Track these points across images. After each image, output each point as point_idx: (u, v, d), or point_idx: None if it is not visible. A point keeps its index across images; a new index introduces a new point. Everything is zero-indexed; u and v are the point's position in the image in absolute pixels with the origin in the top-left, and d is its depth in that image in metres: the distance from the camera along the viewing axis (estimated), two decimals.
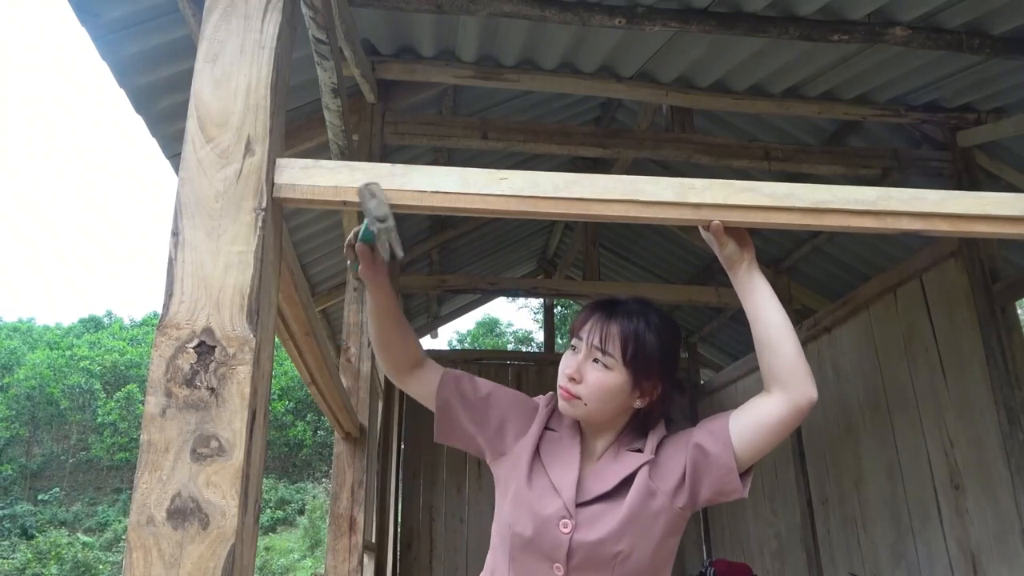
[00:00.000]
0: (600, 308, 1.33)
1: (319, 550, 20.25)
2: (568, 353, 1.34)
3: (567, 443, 1.35)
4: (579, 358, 1.31)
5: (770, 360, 1.28)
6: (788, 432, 1.32)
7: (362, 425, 3.05)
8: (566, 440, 1.35)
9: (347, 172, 1.15)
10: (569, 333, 1.38)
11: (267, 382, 1.11)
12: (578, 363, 1.30)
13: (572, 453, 1.33)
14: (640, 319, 1.30)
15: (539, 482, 1.30)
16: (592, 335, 1.30)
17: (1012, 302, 3.41)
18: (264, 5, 1.20)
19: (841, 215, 1.22)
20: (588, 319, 1.32)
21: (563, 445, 1.35)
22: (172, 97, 2.90)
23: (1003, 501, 3.29)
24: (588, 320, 1.32)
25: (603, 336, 1.29)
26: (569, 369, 1.31)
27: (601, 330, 1.30)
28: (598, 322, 1.31)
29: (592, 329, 1.31)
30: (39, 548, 19.35)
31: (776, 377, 1.28)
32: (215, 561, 0.93)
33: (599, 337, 1.29)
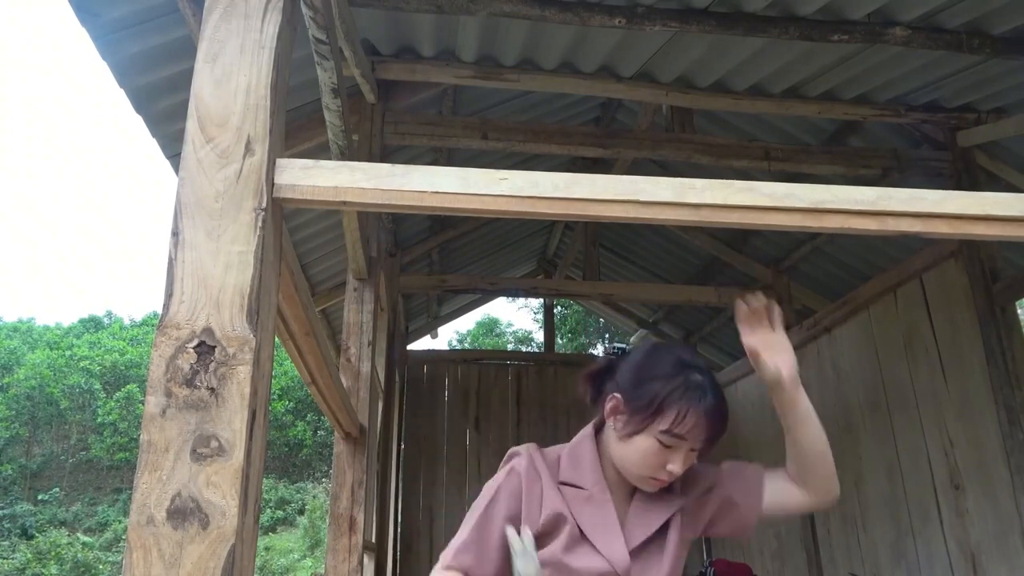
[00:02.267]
0: (707, 407, 1.24)
1: (319, 550, 20.25)
2: (661, 447, 1.23)
3: (599, 501, 1.29)
4: (682, 457, 1.24)
5: (808, 470, 1.33)
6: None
7: (362, 425, 3.05)
8: (597, 497, 1.29)
9: (347, 172, 1.15)
10: (669, 434, 1.23)
11: (267, 382, 1.11)
12: (682, 461, 1.25)
13: (609, 513, 1.28)
14: (725, 404, 1.27)
15: (583, 554, 1.25)
16: (702, 438, 1.25)
17: (1012, 302, 3.41)
18: (264, 5, 1.20)
19: (841, 215, 1.22)
20: (700, 423, 1.23)
21: (596, 504, 1.28)
22: (172, 97, 2.90)
23: (1003, 501, 3.29)
24: (699, 424, 1.23)
25: (710, 441, 1.26)
26: (677, 471, 1.24)
27: (712, 436, 1.25)
28: (707, 426, 1.24)
29: (704, 435, 1.25)
30: (39, 548, 19.35)
31: (811, 483, 1.33)
32: (215, 561, 0.93)
33: (708, 442, 1.26)
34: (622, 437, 1.27)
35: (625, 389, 1.29)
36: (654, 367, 1.28)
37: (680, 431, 1.22)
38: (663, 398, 1.23)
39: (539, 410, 6.74)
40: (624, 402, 1.28)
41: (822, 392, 4.86)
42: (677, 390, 1.23)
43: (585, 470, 1.31)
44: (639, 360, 1.32)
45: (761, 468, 1.37)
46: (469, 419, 6.68)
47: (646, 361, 1.31)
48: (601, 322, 19.75)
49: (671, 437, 1.22)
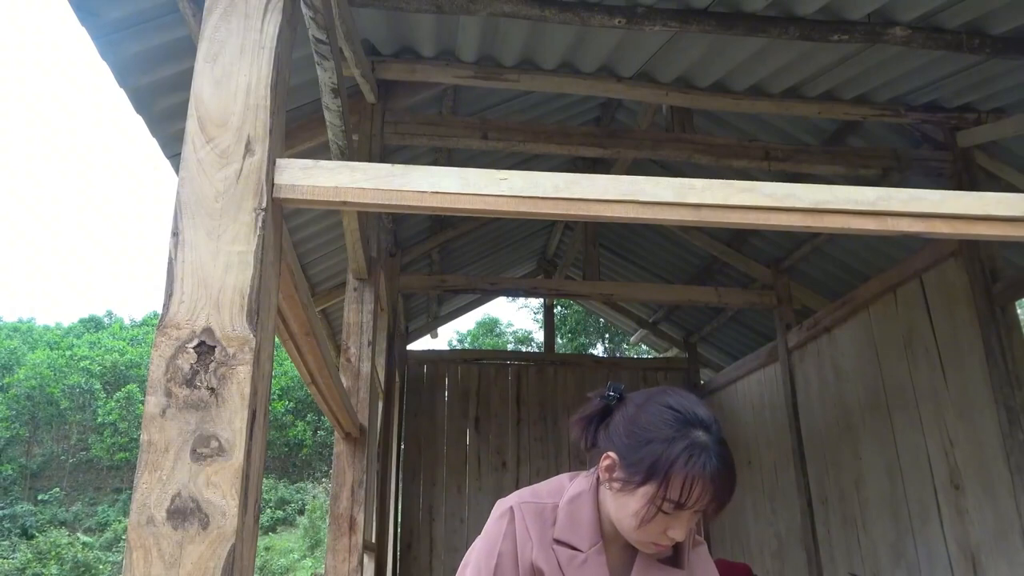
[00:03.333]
0: (711, 479, 1.13)
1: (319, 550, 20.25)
2: (664, 514, 1.14)
3: (594, 565, 1.21)
4: (684, 521, 1.15)
5: None
6: None
7: (362, 425, 3.04)
8: (592, 561, 1.21)
9: (347, 172, 1.15)
10: (674, 504, 1.13)
11: (267, 382, 1.11)
12: (681, 528, 1.16)
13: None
14: (732, 467, 1.16)
15: None
16: (701, 502, 1.14)
17: (1012, 302, 3.41)
18: (264, 5, 1.20)
19: (841, 216, 1.22)
20: (705, 494, 1.13)
21: (590, 568, 1.21)
22: (172, 97, 2.90)
23: (1003, 501, 3.29)
24: (705, 494, 1.13)
25: (705, 510, 1.16)
26: (680, 538, 1.17)
27: (717, 505, 1.15)
28: (712, 497, 1.14)
29: (708, 504, 1.14)
30: (39, 548, 19.35)
31: None
32: (215, 561, 0.93)
33: (706, 509, 1.16)
34: (621, 501, 1.18)
35: (620, 448, 1.18)
36: (653, 426, 1.16)
37: (683, 500, 1.12)
38: (663, 466, 1.11)
39: (539, 410, 6.75)
40: (620, 464, 1.18)
41: (822, 392, 4.86)
42: (680, 457, 1.11)
43: (582, 530, 1.22)
44: (635, 415, 1.20)
45: None
46: (469, 419, 6.68)
47: (643, 417, 1.18)
48: (601, 322, 19.75)
49: (673, 506, 1.12)
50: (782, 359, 5.29)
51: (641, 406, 1.21)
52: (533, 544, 1.21)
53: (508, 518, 1.25)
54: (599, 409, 1.26)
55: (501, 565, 1.22)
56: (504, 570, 1.21)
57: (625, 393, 1.27)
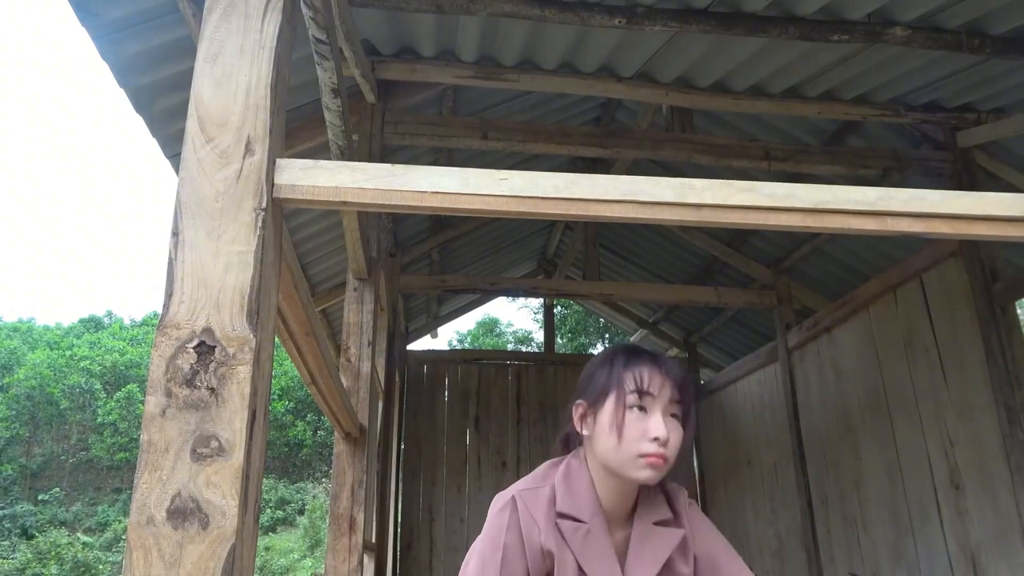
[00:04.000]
0: (650, 359, 1.26)
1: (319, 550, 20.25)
2: (635, 414, 1.22)
3: (597, 534, 1.24)
4: (659, 418, 1.22)
5: None
6: None
7: (362, 425, 3.04)
8: (595, 530, 1.24)
9: (347, 172, 1.15)
10: (633, 391, 1.23)
11: (267, 382, 1.11)
12: (661, 421, 1.21)
13: (607, 547, 1.23)
14: (675, 361, 1.32)
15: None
16: (665, 390, 1.23)
17: (1012, 302, 3.41)
18: (264, 5, 1.20)
19: (841, 216, 1.22)
20: (654, 373, 1.24)
21: (594, 538, 1.23)
22: (172, 97, 2.90)
23: (1003, 501, 3.29)
24: (653, 374, 1.23)
25: (671, 393, 1.24)
26: (660, 432, 1.20)
27: (670, 387, 1.24)
28: (661, 374, 1.24)
29: (664, 384, 1.23)
30: (39, 548, 19.35)
31: None
32: (215, 561, 0.93)
33: (671, 392, 1.24)
34: (599, 430, 1.25)
35: (582, 395, 1.32)
36: (595, 364, 1.34)
37: (643, 386, 1.23)
38: (612, 374, 1.27)
39: (539, 410, 6.75)
40: (587, 403, 1.30)
41: (822, 392, 4.86)
42: (619, 361, 1.28)
43: (582, 500, 1.25)
44: (583, 373, 1.37)
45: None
46: (469, 419, 6.68)
47: (588, 368, 1.36)
48: (601, 322, 19.75)
49: (638, 396, 1.23)
50: (782, 359, 5.29)
51: (587, 366, 1.38)
52: (540, 528, 1.23)
53: (510, 508, 1.26)
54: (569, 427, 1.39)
55: (507, 557, 1.22)
56: (511, 562, 1.21)
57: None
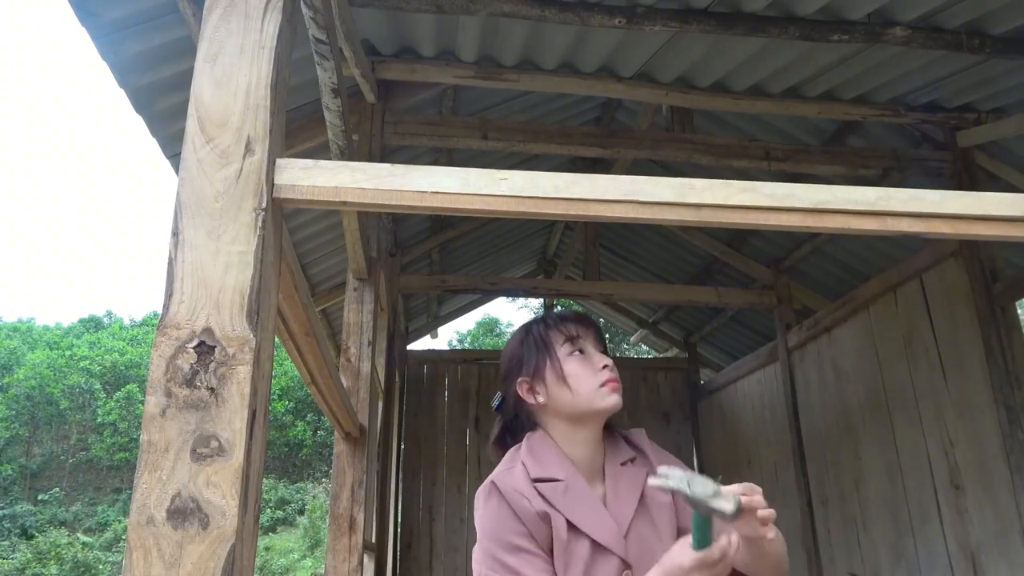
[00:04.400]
0: (563, 314, 1.45)
1: (319, 550, 20.25)
2: (577, 358, 1.38)
3: (576, 488, 1.30)
4: (596, 353, 1.39)
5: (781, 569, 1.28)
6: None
7: (362, 425, 3.04)
8: (574, 485, 1.30)
9: (347, 172, 1.15)
10: (566, 341, 1.39)
11: (267, 382, 1.11)
12: (601, 356, 1.38)
13: (590, 496, 1.30)
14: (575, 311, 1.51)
15: (581, 544, 1.25)
16: (589, 332, 1.41)
17: (1012, 302, 3.41)
18: (264, 5, 1.20)
19: (841, 216, 1.22)
20: (574, 321, 1.42)
21: (575, 492, 1.29)
22: (172, 97, 2.90)
23: (1003, 501, 3.29)
24: (572, 324, 1.41)
25: (594, 334, 1.42)
26: (606, 360, 1.37)
27: (590, 330, 1.42)
28: (578, 321, 1.42)
29: (586, 327, 1.42)
30: (39, 548, 19.36)
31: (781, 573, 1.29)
32: (215, 561, 0.93)
33: (594, 334, 1.42)
34: (552, 390, 1.36)
35: (516, 371, 1.41)
36: (515, 343, 1.45)
37: (572, 333, 1.39)
38: (540, 336, 1.40)
39: None
40: (529, 375, 1.39)
41: (822, 392, 4.86)
42: (538, 327, 1.43)
43: (552, 462, 1.32)
44: (504, 357, 1.46)
45: None
46: (469, 419, 6.68)
47: (508, 351, 1.46)
48: (601, 322, 19.75)
49: (572, 343, 1.38)
50: (782, 359, 5.29)
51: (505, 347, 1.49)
52: (527, 497, 1.27)
53: (495, 493, 1.28)
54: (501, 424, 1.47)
55: (512, 535, 1.24)
56: (519, 538, 1.24)
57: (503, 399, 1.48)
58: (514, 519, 1.25)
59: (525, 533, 1.24)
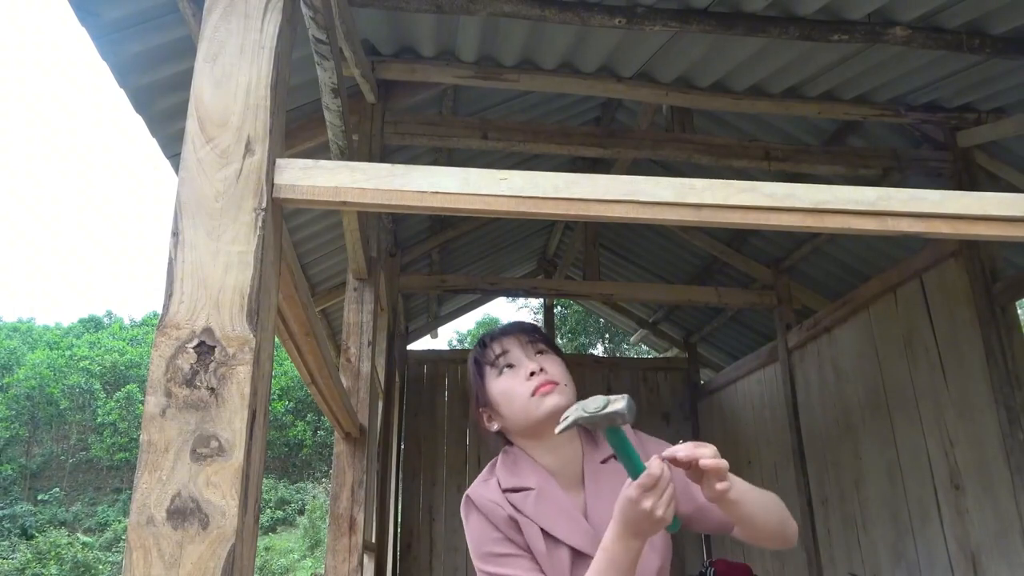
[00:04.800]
0: (491, 334, 1.43)
1: (319, 550, 20.26)
2: (507, 374, 1.35)
3: (548, 492, 1.29)
4: (524, 360, 1.35)
5: (767, 539, 1.29)
6: None
7: (362, 425, 3.04)
8: (545, 490, 1.29)
9: (347, 172, 1.15)
10: (489, 366, 1.39)
11: (267, 382, 1.11)
12: (529, 361, 1.34)
13: (560, 499, 1.29)
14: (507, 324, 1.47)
15: (555, 550, 1.25)
16: (513, 341, 1.38)
17: (1012, 302, 3.41)
18: (264, 5, 1.19)
19: (841, 216, 1.22)
20: (496, 340, 1.40)
21: (546, 498, 1.28)
22: (172, 97, 2.90)
23: (1003, 501, 3.29)
24: (496, 343, 1.39)
25: (520, 340, 1.38)
26: (531, 366, 1.33)
27: (514, 337, 1.39)
28: (501, 335, 1.40)
29: (509, 339, 1.39)
30: (39, 548, 19.36)
31: (769, 543, 1.31)
32: (215, 561, 0.93)
33: (520, 340, 1.38)
34: (500, 413, 1.35)
35: (477, 400, 1.41)
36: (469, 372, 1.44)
37: (495, 353, 1.37)
38: (473, 364, 1.41)
39: None
40: (480, 405, 1.40)
41: (822, 392, 4.86)
42: (473, 356, 1.43)
43: (524, 471, 1.32)
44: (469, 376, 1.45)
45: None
46: (469, 419, 6.67)
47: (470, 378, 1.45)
48: (601, 322, 19.75)
49: (495, 361, 1.37)
50: (782, 359, 5.29)
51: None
52: (500, 505, 1.28)
53: (471, 507, 1.31)
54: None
55: (493, 543, 1.27)
56: (500, 545, 1.26)
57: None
58: (491, 527, 1.27)
59: (503, 539, 1.27)
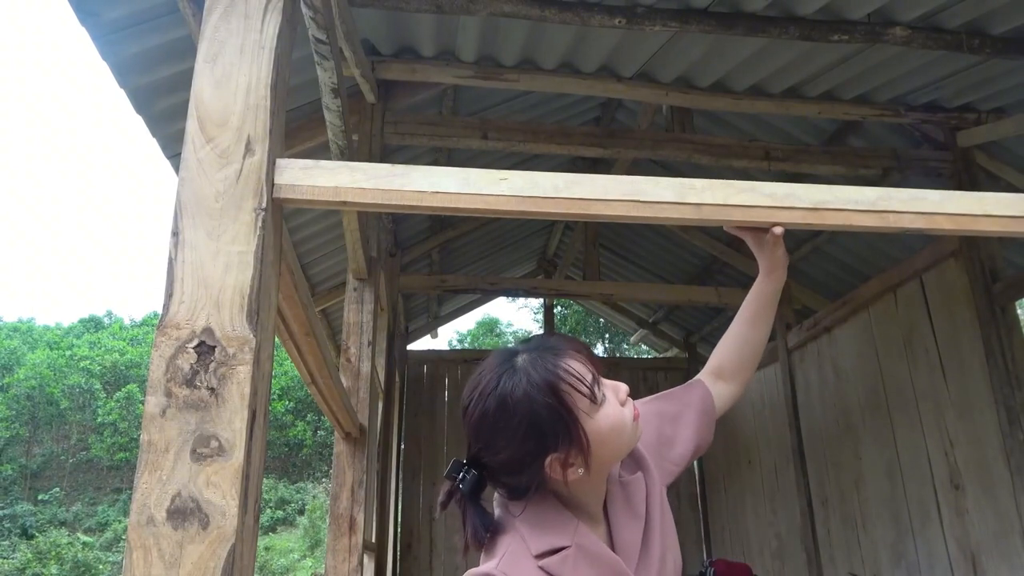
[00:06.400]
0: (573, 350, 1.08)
1: (319, 550, 20.26)
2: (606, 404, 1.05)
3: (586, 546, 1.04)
4: (606, 384, 1.08)
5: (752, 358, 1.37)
6: None
7: (362, 425, 3.04)
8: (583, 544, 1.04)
9: (347, 172, 1.15)
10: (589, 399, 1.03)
11: (267, 382, 1.11)
12: (606, 384, 1.08)
13: (599, 547, 1.05)
14: (562, 336, 1.14)
15: None
16: (590, 363, 1.08)
17: (1012, 302, 3.41)
18: (264, 5, 1.20)
19: (842, 215, 1.22)
20: (582, 368, 1.05)
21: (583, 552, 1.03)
22: (172, 97, 2.90)
23: (1003, 501, 3.29)
24: (585, 366, 1.06)
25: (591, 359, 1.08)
26: (620, 387, 1.08)
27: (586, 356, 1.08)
28: (583, 357, 1.07)
29: (588, 363, 1.07)
30: (39, 548, 19.36)
31: (745, 372, 1.36)
32: (215, 561, 0.93)
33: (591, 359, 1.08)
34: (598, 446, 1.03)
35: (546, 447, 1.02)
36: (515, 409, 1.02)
37: (591, 375, 1.05)
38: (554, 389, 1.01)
39: None
40: (566, 446, 1.02)
41: (822, 392, 4.86)
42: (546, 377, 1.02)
43: (554, 523, 1.05)
44: (496, 419, 1.03)
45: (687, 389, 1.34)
46: None
47: (501, 419, 1.03)
48: (601, 322, 19.75)
49: (590, 392, 1.03)
50: (782, 359, 5.29)
51: (487, 410, 1.04)
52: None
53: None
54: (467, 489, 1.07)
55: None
56: None
57: (464, 470, 1.09)
58: None
59: None
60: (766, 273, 1.35)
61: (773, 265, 1.33)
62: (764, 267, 1.35)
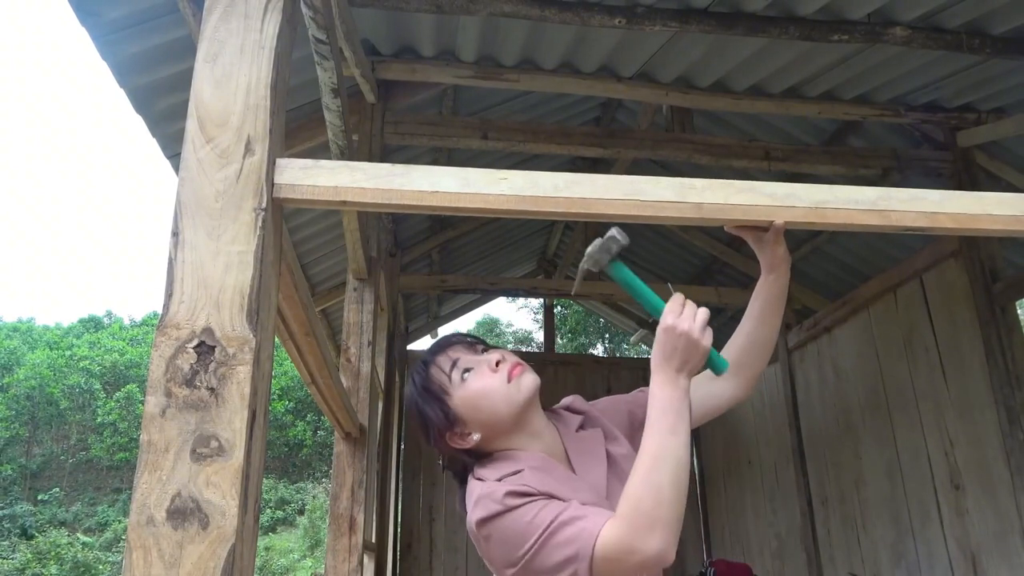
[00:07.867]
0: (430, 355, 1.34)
1: (319, 550, 20.26)
2: (471, 377, 1.26)
3: (546, 464, 1.23)
4: (479, 360, 1.28)
5: (759, 357, 1.40)
6: None
7: (362, 425, 3.04)
8: (543, 464, 1.23)
9: (347, 172, 1.15)
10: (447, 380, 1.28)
11: (267, 382, 1.11)
12: (483, 358, 1.28)
13: (563, 470, 1.25)
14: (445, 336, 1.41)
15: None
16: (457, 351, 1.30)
17: (1012, 302, 3.41)
18: (264, 5, 1.19)
19: (842, 214, 1.22)
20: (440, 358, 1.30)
21: (547, 469, 1.22)
22: (172, 97, 2.90)
23: (1003, 501, 3.29)
24: (442, 357, 1.30)
25: (462, 347, 1.31)
26: (494, 357, 1.28)
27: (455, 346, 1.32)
28: (446, 350, 1.31)
29: (452, 352, 1.30)
30: (39, 548, 19.36)
31: (751, 372, 1.40)
32: (215, 561, 0.93)
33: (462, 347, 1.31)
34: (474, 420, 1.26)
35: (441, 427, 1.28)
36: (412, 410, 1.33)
37: (447, 364, 1.29)
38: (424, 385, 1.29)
39: None
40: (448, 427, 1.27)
41: (822, 392, 4.86)
42: (417, 378, 1.32)
43: (508, 464, 1.23)
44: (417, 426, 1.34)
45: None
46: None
47: (412, 419, 1.34)
48: (601, 322, 19.76)
49: (454, 371, 1.28)
50: (782, 359, 5.29)
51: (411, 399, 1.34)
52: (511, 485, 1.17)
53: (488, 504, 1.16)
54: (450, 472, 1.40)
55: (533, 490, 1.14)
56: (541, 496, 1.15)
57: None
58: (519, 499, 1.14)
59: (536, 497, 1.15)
60: (768, 271, 1.38)
61: (774, 263, 1.35)
62: (765, 266, 1.37)
